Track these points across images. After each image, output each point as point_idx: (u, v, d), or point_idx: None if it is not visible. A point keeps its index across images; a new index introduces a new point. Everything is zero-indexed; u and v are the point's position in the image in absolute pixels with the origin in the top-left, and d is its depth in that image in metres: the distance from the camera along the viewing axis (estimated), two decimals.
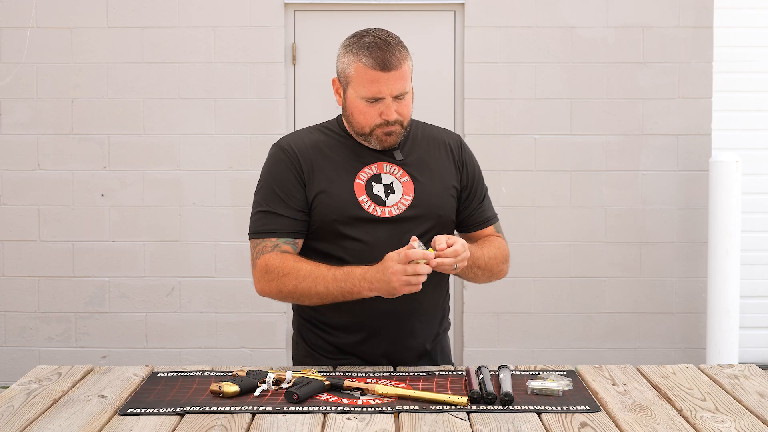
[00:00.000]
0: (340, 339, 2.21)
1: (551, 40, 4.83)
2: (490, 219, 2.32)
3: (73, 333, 4.86)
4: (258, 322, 4.84)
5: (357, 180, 2.17)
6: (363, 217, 2.14)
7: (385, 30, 2.16)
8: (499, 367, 2.00)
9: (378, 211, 2.15)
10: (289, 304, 4.12)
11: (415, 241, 1.98)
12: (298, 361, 2.31)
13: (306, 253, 2.18)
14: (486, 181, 2.37)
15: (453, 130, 2.45)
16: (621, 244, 4.87)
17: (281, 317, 4.83)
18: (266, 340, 4.85)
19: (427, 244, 2.10)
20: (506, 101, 4.83)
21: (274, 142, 2.26)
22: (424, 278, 1.97)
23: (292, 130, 4.85)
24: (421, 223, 2.17)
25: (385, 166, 2.19)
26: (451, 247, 1.99)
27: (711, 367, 2.12)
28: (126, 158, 4.82)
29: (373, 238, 2.13)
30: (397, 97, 2.11)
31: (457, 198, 2.25)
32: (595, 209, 4.87)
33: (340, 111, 2.26)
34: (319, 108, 4.86)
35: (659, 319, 4.89)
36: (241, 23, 4.80)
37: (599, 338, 4.89)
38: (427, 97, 4.84)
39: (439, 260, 1.97)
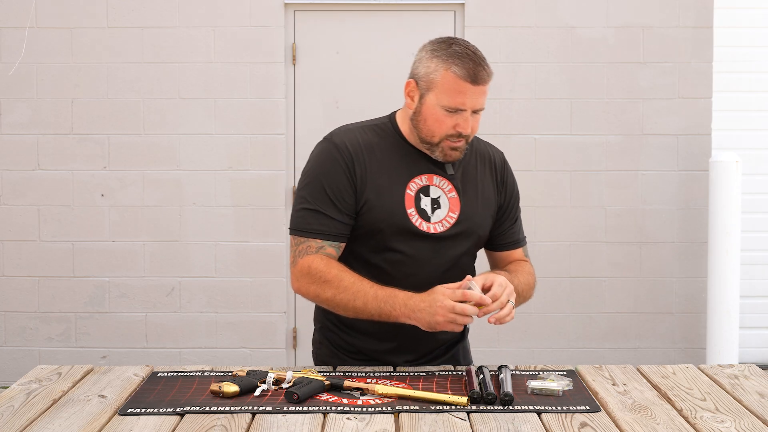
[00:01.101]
0: (367, 345, 2.19)
1: (551, 40, 4.83)
2: (519, 241, 2.29)
3: (73, 333, 4.86)
4: (258, 322, 4.84)
5: (407, 191, 2.11)
6: (409, 230, 2.09)
7: (467, 41, 2.11)
8: (499, 367, 2.00)
9: (424, 226, 2.10)
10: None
11: (470, 281, 1.94)
12: (322, 360, 2.28)
13: (345, 256, 2.13)
14: None
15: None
16: (621, 244, 4.87)
17: (281, 317, 4.83)
18: (266, 340, 4.85)
19: (465, 259, 2.12)
20: (506, 101, 4.83)
21: (326, 135, 2.16)
22: (470, 320, 1.92)
23: (292, 131, 4.86)
24: (462, 241, 2.15)
25: (435, 179, 2.14)
26: (502, 290, 1.95)
27: (711, 367, 2.12)
28: (126, 158, 4.82)
29: (414, 252, 2.09)
30: (475, 112, 2.07)
31: (494, 218, 2.22)
32: (595, 209, 4.87)
33: (339, 110, 2.25)
34: (319, 108, 4.86)
35: (659, 319, 4.89)
36: (241, 23, 4.80)
37: (599, 338, 4.89)
38: None
39: (494, 305, 1.92)
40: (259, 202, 4.79)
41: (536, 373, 2.03)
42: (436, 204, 2.12)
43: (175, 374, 2.04)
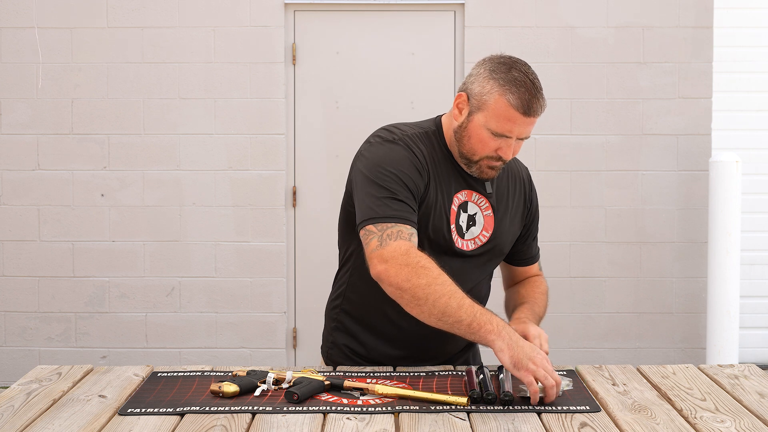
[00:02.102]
0: (379, 351, 2.18)
1: (551, 40, 4.83)
2: (535, 256, 2.32)
3: (73, 333, 4.86)
4: (258, 322, 4.84)
5: (452, 206, 2.09)
6: (447, 243, 2.08)
7: (528, 66, 2.03)
8: (498, 367, 2.00)
9: (459, 243, 2.09)
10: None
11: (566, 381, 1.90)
12: (334, 361, 2.25)
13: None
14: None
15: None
16: (621, 244, 4.87)
17: (281, 317, 4.83)
18: (266, 340, 4.85)
19: (486, 275, 2.17)
20: None
21: (385, 135, 2.08)
22: (550, 392, 1.80)
23: (292, 131, 4.86)
24: (488, 258, 2.15)
25: (474, 196, 2.12)
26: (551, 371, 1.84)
27: (711, 367, 2.12)
28: (126, 158, 4.82)
29: (445, 268, 1.98)
30: (519, 138, 2.03)
31: (517, 235, 2.23)
32: (595, 209, 4.87)
33: (339, 110, 2.24)
34: (319, 108, 4.86)
35: (659, 319, 4.89)
36: (241, 23, 4.80)
37: (599, 338, 4.89)
38: (427, 97, 4.84)
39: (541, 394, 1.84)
40: (259, 202, 4.79)
41: None
42: (471, 221, 2.11)
43: (175, 374, 2.04)
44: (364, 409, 1.78)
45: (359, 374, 2.04)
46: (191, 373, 2.04)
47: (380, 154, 2.03)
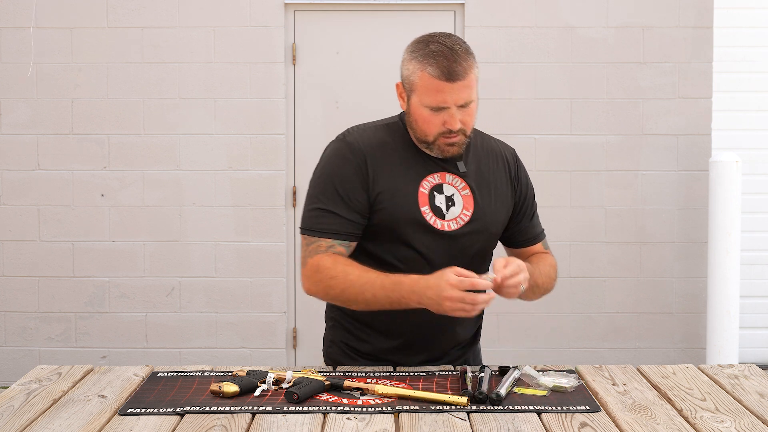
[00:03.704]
0: (374, 344, 2.19)
1: (551, 40, 4.83)
2: (538, 236, 2.28)
3: (73, 333, 4.86)
4: (258, 322, 4.84)
5: (421, 189, 2.10)
6: (423, 227, 2.09)
7: (452, 36, 2.07)
8: (499, 367, 2.00)
9: (438, 224, 2.10)
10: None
11: (487, 277, 1.93)
12: (334, 359, 2.27)
13: (358, 255, 2.12)
14: None
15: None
16: (621, 244, 4.87)
17: (281, 317, 4.83)
18: (266, 340, 4.85)
19: (478, 257, 2.13)
20: (506, 101, 4.83)
21: (339, 134, 2.17)
22: (482, 307, 1.92)
23: (292, 131, 4.86)
24: (476, 239, 2.14)
25: (448, 177, 2.13)
26: (514, 272, 1.94)
27: (711, 367, 2.12)
28: (126, 158, 4.82)
29: (428, 250, 2.08)
30: (462, 106, 2.05)
31: (509, 216, 2.21)
32: (595, 209, 4.87)
33: (339, 110, 2.25)
34: (319, 108, 4.86)
35: (659, 319, 4.89)
36: (241, 23, 4.80)
37: (599, 338, 4.89)
38: None
39: (504, 283, 1.92)
40: (259, 202, 4.79)
41: (539, 373, 2.02)
42: (450, 202, 2.12)
43: (175, 374, 2.04)
44: (364, 409, 1.78)
45: (359, 374, 2.04)
46: (191, 373, 2.04)
47: (323, 160, 2.16)
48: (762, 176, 5.08)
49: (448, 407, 1.78)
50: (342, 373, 2.04)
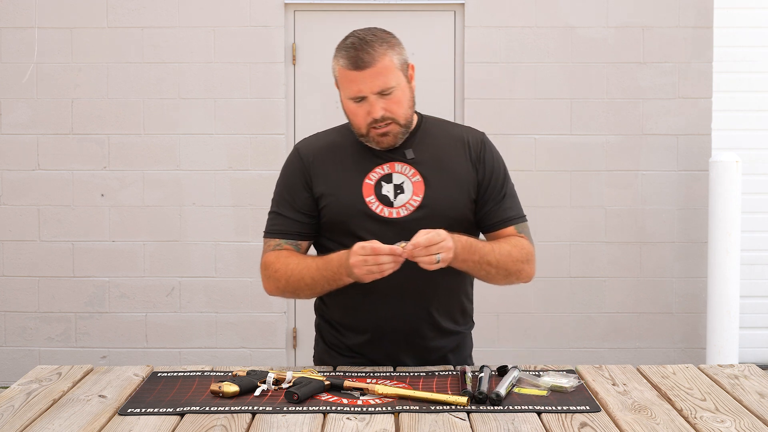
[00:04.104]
0: (349, 339, 2.23)
1: (551, 40, 4.83)
2: (510, 219, 2.23)
3: (73, 333, 4.86)
4: (258, 322, 4.84)
5: (366, 180, 2.15)
6: (371, 217, 2.13)
7: (373, 28, 2.14)
8: (499, 367, 2.00)
9: (385, 212, 2.13)
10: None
11: (399, 244, 1.96)
12: (318, 358, 2.34)
13: (318, 252, 2.25)
14: None
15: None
16: (621, 244, 4.87)
17: (281, 317, 4.83)
18: (266, 340, 4.85)
19: None
20: (506, 101, 4.83)
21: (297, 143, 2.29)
22: (389, 267, 1.96)
23: (292, 131, 4.87)
24: (429, 224, 2.11)
25: (397, 166, 2.16)
26: (430, 241, 1.95)
27: (711, 367, 2.12)
28: (126, 158, 4.82)
29: (376, 238, 2.07)
30: (383, 95, 2.08)
31: (474, 198, 2.20)
32: (595, 209, 4.87)
33: (339, 110, 2.26)
34: (319, 108, 4.86)
35: (659, 319, 4.89)
36: (241, 23, 4.80)
37: (599, 338, 4.89)
38: (427, 97, 4.83)
39: (409, 252, 1.95)
40: (259, 202, 4.79)
41: (538, 373, 2.02)
42: (399, 189, 2.15)
43: (175, 374, 2.04)
44: (364, 409, 1.78)
45: (359, 374, 2.04)
46: (191, 373, 2.04)
47: (281, 170, 2.28)
48: (762, 176, 5.08)
49: (448, 407, 1.78)
50: (342, 373, 2.05)
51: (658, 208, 4.87)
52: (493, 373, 1.98)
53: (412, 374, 2.04)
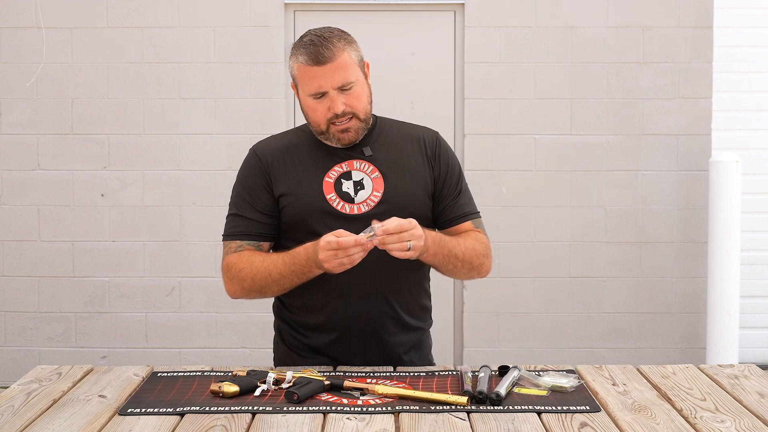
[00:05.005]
0: (313, 340, 2.23)
1: (551, 40, 4.83)
2: (467, 215, 2.26)
3: (73, 333, 4.86)
4: (258, 322, 4.83)
5: (326, 178, 2.17)
6: (331, 214, 2.14)
7: (330, 27, 2.17)
8: (499, 367, 2.00)
9: (347, 208, 2.15)
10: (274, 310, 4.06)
11: (375, 223, 1.96)
12: (280, 360, 2.33)
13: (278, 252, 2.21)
14: (486, 181, 2.37)
15: (453, 131, 2.41)
16: (621, 244, 4.87)
17: None
18: (266, 340, 4.82)
19: None
20: (506, 101, 4.83)
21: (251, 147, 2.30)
22: (359, 256, 1.95)
23: None
24: (391, 216, 2.14)
25: (356, 163, 2.19)
26: (389, 223, 1.95)
27: (711, 367, 2.12)
28: (126, 158, 4.82)
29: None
30: (343, 90, 2.11)
31: (431, 194, 2.23)
32: (595, 209, 4.87)
33: None
34: None
35: (659, 319, 4.89)
36: (241, 23, 4.80)
37: (599, 338, 4.89)
38: (427, 97, 4.84)
39: (379, 239, 1.95)
40: None
41: (537, 373, 2.02)
42: (359, 186, 2.17)
43: (175, 374, 2.04)
44: (364, 409, 1.78)
45: (359, 374, 2.04)
46: (191, 373, 2.04)
47: (237, 174, 2.29)
48: (762, 176, 5.08)
49: (448, 407, 1.78)
50: (342, 373, 2.05)
51: (658, 208, 4.87)
52: (493, 373, 1.98)
53: (412, 374, 2.04)
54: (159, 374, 2.04)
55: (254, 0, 4.79)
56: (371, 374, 2.05)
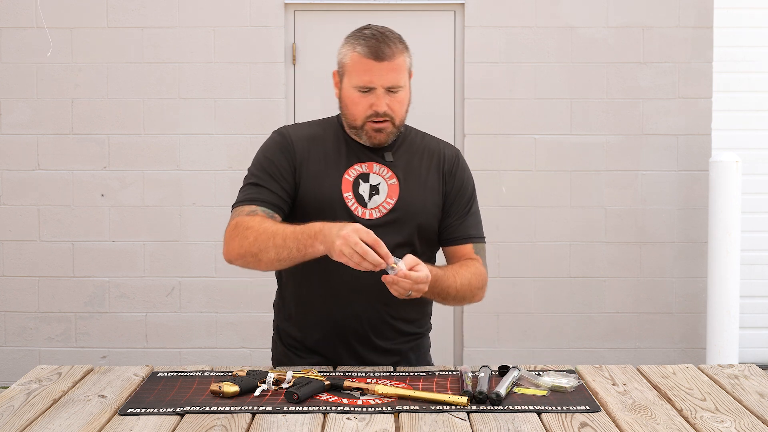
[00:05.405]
0: (308, 338, 2.23)
1: (551, 40, 4.83)
2: (470, 238, 2.24)
3: (73, 333, 4.86)
4: (258, 322, 4.83)
5: (346, 176, 2.17)
6: (344, 213, 2.13)
7: (388, 27, 2.17)
8: (499, 367, 2.00)
9: (359, 211, 2.15)
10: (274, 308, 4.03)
11: (396, 261, 1.93)
12: (277, 360, 2.33)
13: None
14: (486, 181, 2.37)
15: (453, 131, 2.40)
16: (621, 244, 4.87)
17: None
18: (266, 340, 4.79)
19: (401, 249, 2.10)
20: (506, 101, 4.83)
21: (275, 129, 2.27)
22: (369, 266, 1.89)
23: None
24: (399, 228, 2.15)
25: (375, 166, 2.19)
26: (414, 273, 1.93)
27: (711, 367, 2.12)
28: (126, 158, 4.82)
29: None
30: (390, 91, 2.10)
31: (441, 210, 2.22)
32: (595, 209, 4.87)
33: (338, 110, 2.26)
34: (319, 108, 4.86)
35: (659, 319, 4.89)
36: (241, 23, 4.80)
37: (599, 338, 4.89)
38: (427, 97, 4.84)
39: (393, 278, 1.92)
40: None
41: (538, 373, 2.02)
42: (374, 190, 2.17)
43: (175, 374, 2.04)
44: (364, 409, 1.78)
45: (359, 374, 2.04)
46: (191, 373, 2.04)
47: (260, 148, 2.25)
48: (762, 176, 5.08)
49: (448, 407, 1.78)
50: (342, 373, 2.05)
51: (658, 208, 4.87)
52: (493, 373, 1.98)
53: (412, 374, 2.04)
54: (159, 374, 2.04)
55: (254, 0, 4.79)
56: (371, 374, 2.04)
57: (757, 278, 5.10)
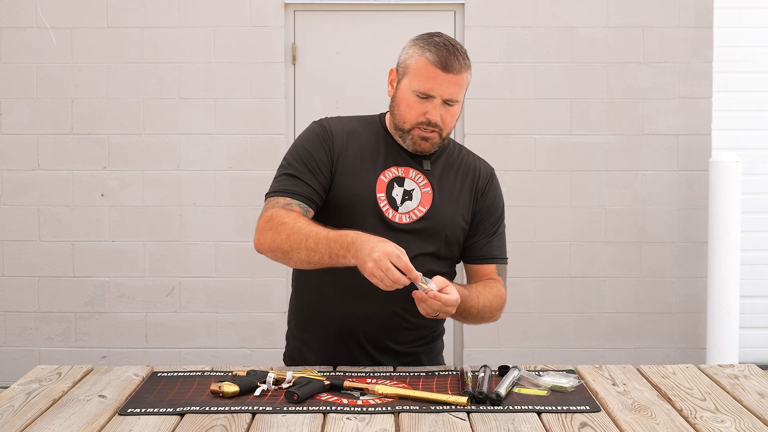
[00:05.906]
0: (322, 338, 2.22)
1: (551, 40, 4.83)
2: (494, 258, 2.24)
3: (73, 333, 4.86)
4: (258, 322, 4.84)
5: (381, 177, 2.15)
6: (376, 213, 2.13)
7: (452, 38, 2.15)
8: (499, 367, 2.00)
9: (390, 214, 2.14)
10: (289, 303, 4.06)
11: (427, 280, 1.93)
12: (288, 356, 2.32)
13: None
14: None
15: (453, 131, 2.38)
16: (621, 244, 4.87)
17: (281, 317, 4.83)
18: (266, 340, 4.85)
19: (424, 259, 2.11)
20: (506, 101, 4.83)
21: (315, 119, 2.25)
22: (397, 286, 1.89)
23: (292, 131, 4.87)
24: (427, 238, 2.15)
25: (411, 172, 2.18)
26: (444, 295, 1.93)
27: (711, 367, 2.12)
28: (126, 158, 4.82)
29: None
30: (447, 103, 2.10)
31: (468, 226, 2.22)
32: (595, 209, 4.87)
33: (339, 110, 2.26)
34: (319, 108, 4.86)
35: (659, 319, 4.89)
36: (241, 23, 4.80)
37: (599, 338, 4.89)
38: None
39: (423, 296, 1.92)
40: (259, 202, 4.76)
41: (538, 373, 2.02)
42: (407, 196, 2.16)
43: (175, 374, 2.04)
44: (364, 409, 1.78)
45: (359, 374, 2.04)
46: (191, 373, 2.04)
47: (299, 137, 2.23)
48: (762, 176, 5.08)
49: (448, 407, 1.78)
50: (342, 373, 2.05)
51: (658, 208, 4.87)
52: (493, 373, 1.98)
53: (412, 374, 2.04)
54: (159, 374, 2.04)
55: (254, 0, 4.79)
56: (371, 374, 2.04)
57: (757, 278, 5.10)
